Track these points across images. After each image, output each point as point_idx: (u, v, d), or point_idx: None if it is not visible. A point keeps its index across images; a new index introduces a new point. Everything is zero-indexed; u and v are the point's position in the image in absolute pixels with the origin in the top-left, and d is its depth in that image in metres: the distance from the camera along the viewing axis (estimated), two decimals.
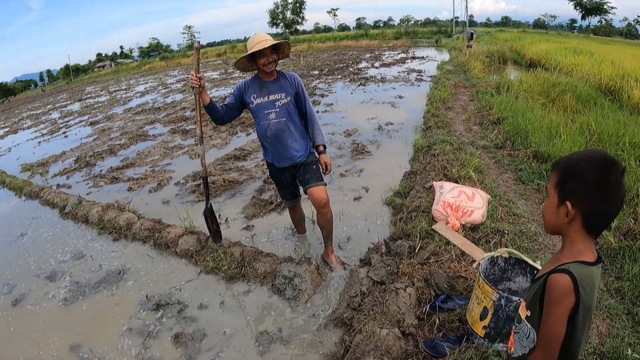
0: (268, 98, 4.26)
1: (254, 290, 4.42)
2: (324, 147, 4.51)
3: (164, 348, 3.78)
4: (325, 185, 4.53)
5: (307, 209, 5.44)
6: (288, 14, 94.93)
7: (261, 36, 4.06)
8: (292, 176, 4.61)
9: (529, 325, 1.69)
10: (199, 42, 4.40)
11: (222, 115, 4.36)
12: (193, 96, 4.33)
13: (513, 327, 1.84)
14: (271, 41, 3.98)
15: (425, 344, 3.15)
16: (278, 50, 4.19)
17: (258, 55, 4.04)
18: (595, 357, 3.00)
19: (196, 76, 4.06)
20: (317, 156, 4.56)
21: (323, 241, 4.79)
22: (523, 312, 1.72)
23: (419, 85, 16.26)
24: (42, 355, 3.89)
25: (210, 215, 4.80)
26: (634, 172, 5.70)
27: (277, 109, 4.26)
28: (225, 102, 4.41)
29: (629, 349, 3.03)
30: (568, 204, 1.52)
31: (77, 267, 5.36)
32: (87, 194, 7.87)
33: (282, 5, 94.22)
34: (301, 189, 4.64)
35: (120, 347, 3.85)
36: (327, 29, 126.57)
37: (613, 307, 3.50)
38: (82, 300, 4.66)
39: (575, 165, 1.52)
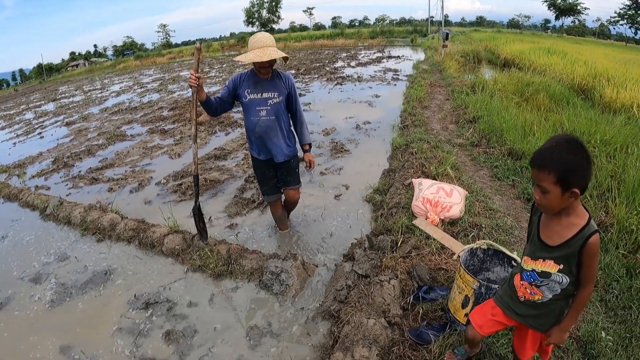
0: (261, 95, 4.41)
1: (242, 286, 4.49)
2: (310, 145, 4.81)
3: (156, 346, 3.81)
4: (300, 186, 5.09)
5: None
6: (264, 13, 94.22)
7: (262, 41, 4.17)
8: (275, 171, 4.83)
9: (561, 275, 2.11)
10: (200, 42, 4.49)
11: (216, 108, 4.47)
12: (190, 94, 4.46)
13: (535, 282, 2.22)
14: (270, 55, 4.07)
15: (411, 332, 3.30)
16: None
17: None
18: (571, 341, 3.18)
19: (195, 75, 4.13)
20: (302, 155, 4.87)
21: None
22: (553, 268, 2.12)
23: (395, 85, 16.45)
24: (32, 358, 3.87)
25: (198, 214, 4.84)
26: (605, 168, 5.94)
27: (269, 107, 4.42)
28: (218, 95, 4.51)
29: (602, 332, 3.23)
30: (575, 190, 1.92)
31: (62, 269, 5.31)
32: (67, 195, 7.77)
33: (258, 4, 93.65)
34: None
35: (112, 347, 3.86)
36: (303, 28, 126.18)
37: None
38: (70, 302, 4.62)
39: (566, 161, 1.90)
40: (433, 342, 3.13)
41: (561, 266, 2.10)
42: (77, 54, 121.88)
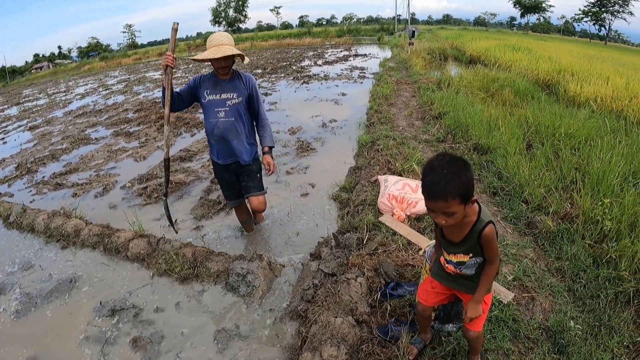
0: (220, 96, 4.36)
1: (208, 289, 4.45)
2: (270, 148, 4.60)
3: (123, 353, 3.76)
4: (265, 193, 4.92)
5: None
6: (231, 12, 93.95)
7: (219, 39, 4.16)
8: (236, 176, 4.76)
9: (474, 259, 2.49)
10: (177, 23, 4.38)
11: (174, 103, 4.41)
12: (164, 76, 4.29)
13: (457, 267, 2.59)
14: (224, 52, 4.04)
15: (379, 329, 3.32)
16: (233, 55, 4.19)
17: (214, 58, 4.11)
18: (540, 331, 3.25)
19: (172, 56, 4.14)
20: (257, 157, 4.78)
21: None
22: (465, 258, 2.50)
23: (362, 83, 16.56)
24: None
25: (166, 201, 4.86)
26: (569, 160, 6.06)
27: (227, 108, 4.37)
28: (177, 90, 4.47)
29: (571, 322, 3.29)
30: (473, 199, 2.21)
31: (27, 278, 5.20)
32: (31, 202, 7.60)
33: (224, 3, 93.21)
34: None
35: (79, 356, 3.80)
36: (270, 27, 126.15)
37: (554, 285, 3.78)
38: (35, 312, 4.53)
39: (462, 182, 2.10)
40: (401, 339, 3.13)
41: (470, 255, 2.48)
42: (41, 55, 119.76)
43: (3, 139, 14.57)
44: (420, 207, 4.91)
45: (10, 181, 9.20)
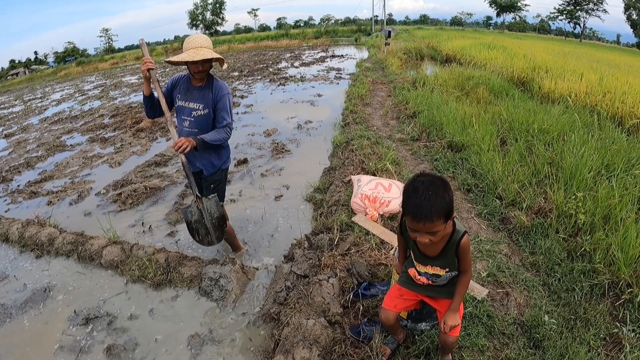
0: (188, 104, 4.17)
1: (182, 294, 4.45)
2: (201, 139, 4.01)
3: None
4: (222, 205, 4.58)
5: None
6: (208, 15, 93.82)
7: (197, 41, 3.98)
8: (200, 183, 4.55)
9: (449, 273, 2.57)
10: (142, 38, 4.37)
11: (156, 107, 4.31)
12: (150, 81, 4.16)
13: (431, 279, 2.66)
14: (202, 55, 3.85)
15: (352, 329, 3.34)
16: (211, 60, 4.02)
17: (190, 61, 3.91)
18: (515, 327, 3.30)
19: (150, 59, 4.06)
20: (218, 169, 4.47)
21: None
22: (441, 272, 2.58)
23: (338, 83, 16.66)
24: None
25: (200, 209, 4.23)
26: (542, 155, 6.15)
27: (192, 119, 4.17)
28: (156, 96, 4.31)
29: (545, 316, 3.33)
30: (453, 215, 2.29)
31: (1, 289, 5.12)
32: (6, 211, 7.51)
33: (201, 6, 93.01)
34: None
35: None
36: (248, 30, 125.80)
37: (529, 280, 3.85)
38: (10, 323, 4.48)
39: (445, 203, 2.18)
40: (374, 339, 3.15)
41: (447, 269, 2.56)
42: (17, 61, 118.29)
43: None
44: (393, 206, 4.96)
45: None
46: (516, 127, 7.64)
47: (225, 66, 4.21)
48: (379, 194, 5.02)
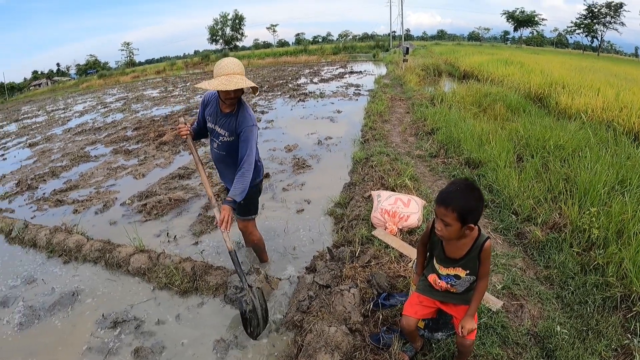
0: (216, 128, 4.15)
1: (207, 302, 4.58)
2: (232, 200, 3.90)
3: None
4: (250, 219, 4.66)
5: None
6: (228, 31, 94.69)
7: (230, 67, 3.80)
8: None
9: (469, 276, 2.72)
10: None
11: (200, 136, 4.49)
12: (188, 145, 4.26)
13: (451, 282, 2.81)
14: (235, 84, 3.70)
15: (371, 337, 3.47)
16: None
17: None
18: (529, 337, 3.40)
19: (187, 126, 4.21)
20: (255, 187, 4.38)
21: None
22: (462, 273, 2.72)
23: (357, 100, 16.75)
24: None
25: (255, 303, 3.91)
26: (558, 172, 6.21)
27: (220, 143, 4.18)
28: (196, 121, 4.45)
29: (558, 327, 3.42)
30: (470, 225, 2.46)
31: (30, 292, 5.28)
32: (32, 218, 7.69)
33: (221, 21, 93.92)
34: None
35: None
36: (267, 45, 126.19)
37: (543, 293, 3.94)
38: (38, 324, 4.61)
39: (465, 203, 2.41)
40: (393, 346, 3.27)
41: (468, 271, 2.71)
42: (39, 72, 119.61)
43: (3, 155, 14.62)
44: (412, 220, 5.07)
45: (10, 197, 9.29)
46: (532, 144, 7.70)
47: (257, 92, 4.10)
48: (398, 209, 5.14)
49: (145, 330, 4.26)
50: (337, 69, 34.49)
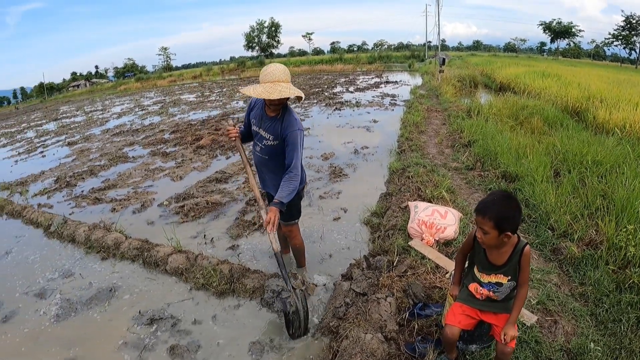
0: (260, 131, 4.16)
1: (244, 304, 4.63)
2: (280, 202, 3.90)
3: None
4: (294, 224, 4.68)
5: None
6: (264, 38, 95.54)
7: (275, 74, 3.80)
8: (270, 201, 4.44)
9: (510, 282, 2.81)
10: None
11: (247, 138, 4.48)
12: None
13: (493, 289, 2.89)
14: (280, 93, 3.71)
15: (406, 346, 3.49)
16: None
17: None
18: (562, 353, 3.37)
19: (235, 129, 4.24)
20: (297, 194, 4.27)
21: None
22: (504, 279, 2.82)
23: (393, 110, 16.71)
24: None
25: (298, 305, 3.99)
26: (595, 188, 6.12)
27: (263, 146, 4.18)
28: (242, 128, 4.52)
29: (591, 344, 3.40)
30: (508, 233, 2.61)
31: (67, 285, 5.41)
32: (70, 214, 7.87)
33: (257, 29, 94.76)
34: None
35: None
36: (302, 53, 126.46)
37: (577, 309, 3.89)
38: (75, 317, 4.72)
39: (501, 212, 2.57)
40: (428, 355, 3.28)
41: (509, 277, 2.81)
42: (78, 74, 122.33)
43: (42, 152, 15.08)
44: (449, 232, 5.07)
45: (49, 193, 9.57)
46: (570, 159, 7.60)
47: (302, 99, 4.02)
48: (435, 221, 5.14)
49: (182, 329, 4.34)
50: (372, 78, 34.48)
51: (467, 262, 3.16)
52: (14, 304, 5.14)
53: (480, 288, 2.94)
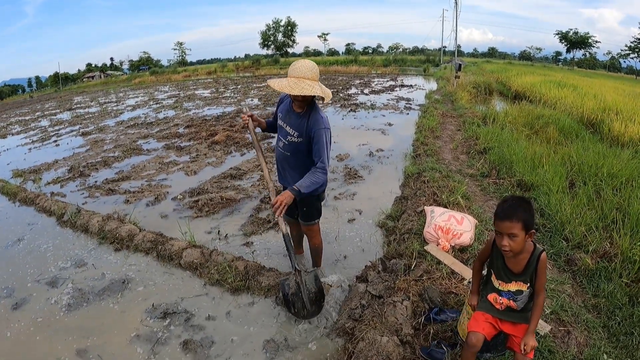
0: (285, 127, 4.13)
1: (259, 302, 4.63)
2: (298, 190, 3.86)
3: (174, 354, 3.95)
4: (314, 224, 4.63)
5: None
6: (279, 36, 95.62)
7: (301, 70, 3.77)
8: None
9: (530, 289, 2.88)
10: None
11: (274, 128, 4.49)
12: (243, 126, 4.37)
13: (512, 298, 2.95)
14: (301, 90, 3.67)
15: (422, 350, 3.50)
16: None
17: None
18: None
19: (246, 116, 4.32)
20: (316, 195, 4.40)
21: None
22: (523, 287, 2.88)
23: (408, 114, 16.70)
24: (48, 359, 3.99)
25: (299, 286, 4.17)
26: (611, 200, 6.11)
27: (287, 142, 4.14)
28: (273, 116, 4.53)
29: (604, 355, 3.41)
30: (532, 231, 2.70)
31: (79, 275, 5.43)
32: (83, 204, 7.91)
33: (273, 27, 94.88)
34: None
35: (129, 353, 4.00)
36: (317, 53, 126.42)
37: (590, 321, 3.88)
38: (87, 307, 4.74)
39: (525, 212, 2.66)
40: None
41: (528, 284, 2.87)
42: (93, 65, 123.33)
43: (56, 141, 15.16)
44: (465, 238, 5.06)
45: (62, 182, 9.64)
46: (585, 170, 7.59)
47: (327, 100, 3.91)
48: (451, 226, 5.13)
49: (195, 324, 4.35)
50: (387, 81, 34.47)
51: (484, 271, 3.20)
52: (26, 291, 5.16)
53: (500, 298, 2.97)
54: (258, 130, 4.57)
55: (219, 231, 6.45)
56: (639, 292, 4.18)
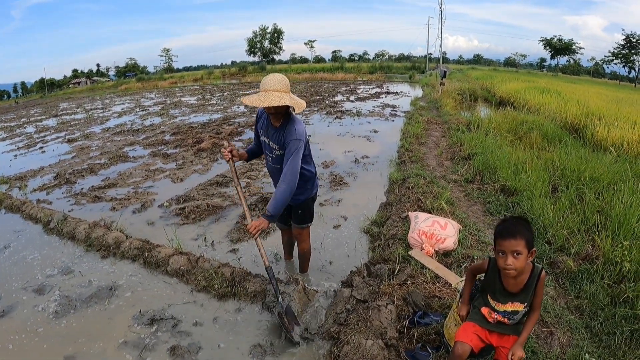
0: (268, 142, 4.22)
1: (245, 308, 4.66)
2: (270, 214, 4.00)
3: None
4: (306, 227, 4.81)
5: None
6: (266, 43, 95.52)
7: (270, 83, 3.86)
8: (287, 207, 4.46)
9: (527, 309, 2.89)
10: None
11: (256, 155, 4.61)
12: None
13: (507, 317, 2.96)
14: (270, 102, 3.75)
15: (407, 353, 3.54)
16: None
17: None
18: None
19: (227, 149, 4.30)
20: (311, 197, 4.66)
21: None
22: (520, 307, 2.88)
23: (394, 120, 16.84)
24: None
25: (285, 312, 4.22)
26: (592, 204, 6.21)
27: (274, 156, 4.23)
28: (253, 144, 4.62)
29: (587, 355, 3.47)
30: (534, 250, 2.71)
31: (66, 282, 5.41)
32: (70, 211, 7.88)
33: (260, 34, 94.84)
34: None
35: (117, 358, 4.00)
36: (303, 60, 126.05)
37: (573, 322, 3.95)
38: (74, 314, 4.72)
39: (528, 231, 2.68)
40: None
41: (525, 304, 2.87)
42: (79, 71, 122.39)
43: (42, 148, 15.12)
44: (448, 243, 5.13)
45: (48, 189, 9.59)
46: (568, 175, 7.70)
47: (300, 110, 3.98)
48: (435, 231, 5.20)
49: (182, 330, 4.35)
50: (373, 88, 34.72)
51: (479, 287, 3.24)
52: (12, 299, 5.13)
53: (494, 313, 3.01)
54: (239, 163, 4.65)
55: (205, 238, 6.47)
56: (621, 293, 4.24)
